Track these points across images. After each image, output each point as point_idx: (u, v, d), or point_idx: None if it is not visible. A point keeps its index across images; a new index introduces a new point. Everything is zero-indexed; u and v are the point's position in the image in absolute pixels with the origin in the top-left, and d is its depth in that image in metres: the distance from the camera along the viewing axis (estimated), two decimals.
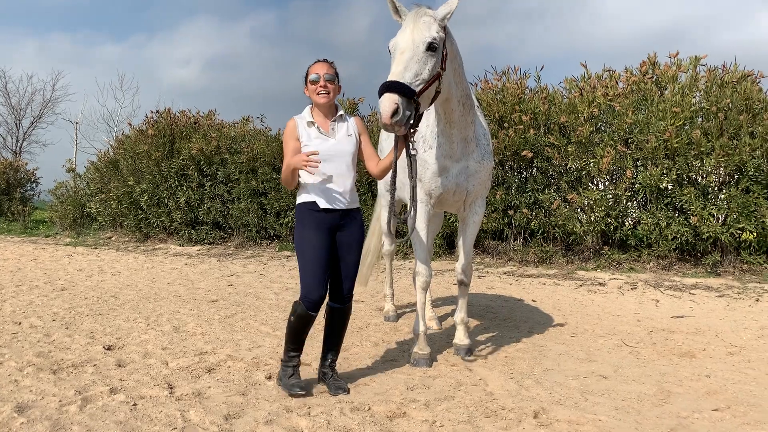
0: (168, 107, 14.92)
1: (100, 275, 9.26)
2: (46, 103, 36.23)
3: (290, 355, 3.95)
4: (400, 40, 3.82)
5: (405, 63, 3.73)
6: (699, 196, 8.86)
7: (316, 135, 3.87)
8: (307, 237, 3.82)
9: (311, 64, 3.94)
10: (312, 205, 3.86)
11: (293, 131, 3.90)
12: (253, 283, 8.59)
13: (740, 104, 8.93)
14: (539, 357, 4.86)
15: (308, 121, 3.91)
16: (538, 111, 10.08)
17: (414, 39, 3.77)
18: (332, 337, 4.06)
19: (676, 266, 9.17)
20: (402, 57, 3.74)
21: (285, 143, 3.92)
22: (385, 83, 3.64)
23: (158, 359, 4.66)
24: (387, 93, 3.59)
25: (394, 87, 3.61)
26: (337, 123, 3.95)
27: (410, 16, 3.90)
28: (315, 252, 3.80)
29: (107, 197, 14.86)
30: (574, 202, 9.51)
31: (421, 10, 3.92)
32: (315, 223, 3.84)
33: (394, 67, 3.73)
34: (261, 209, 12.69)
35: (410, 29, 3.81)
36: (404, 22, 3.91)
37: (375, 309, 6.75)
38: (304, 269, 3.82)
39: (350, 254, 3.95)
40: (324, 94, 3.85)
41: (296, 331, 3.89)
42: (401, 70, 3.70)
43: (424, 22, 3.83)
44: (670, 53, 9.80)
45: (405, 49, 3.77)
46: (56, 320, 6.01)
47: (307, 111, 3.97)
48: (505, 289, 8.23)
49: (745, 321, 6.30)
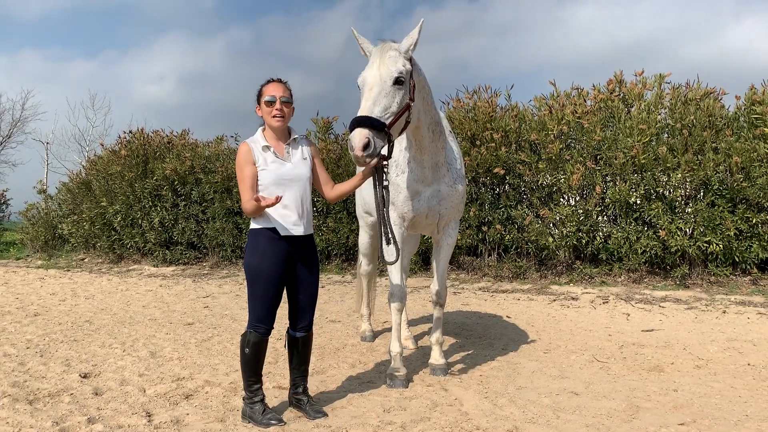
0: (141, 127, 14.92)
1: (74, 299, 9.17)
2: (16, 122, 35.63)
3: (253, 389, 3.87)
4: (368, 75, 3.92)
5: (374, 98, 3.83)
6: (667, 211, 9.10)
7: (273, 159, 3.81)
8: (263, 269, 3.75)
9: (265, 84, 3.86)
10: (271, 232, 3.78)
11: (248, 156, 3.79)
12: (229, 305, 8.59)
13: (704, 120, 9.21)
14: (513, 375, 4.95)
15: (263, 145, 3.82)
16: (509, 129, 10.27)
17: (381, 74, 3.88)
18: (300, 366, 4.05)
19: (646, 279, 9.38)
20: (371, 93, 3.84)
21: (240, 168, 3.79)
22: (355, 119, 3.74)
23: (135, 386, 4.66)
24: (358, 128, 3.69)
25: (364, 122, 3.71)
26: (291, 147, 3.90)
27: (376, 52, 4.01)
28: (270, 287, 3.76)
29: (80, 218, 14.73)
30: (546, 218, 9.69)
31: (386, 45, 4.02)
32: (273, 253, 3.76)
33: (364, 102, 3.83)
34: (236, 228, 12.68)
35: (377, 65, 3.92)
36: (371, 58, 4.02)
37: (352, 329, 6.80)
38: (256, 300, 3.79)
39: (310, 284, 3.94)
40: (279, 118, 3.78)
41: (254, 361, 3.85)
42: (370, 105, 3.80)
43: (390, 57, 3.94)
44: (636, 72, 10.08)
45: (373, 84, 3.87)
46: (30, 347, 5.96)
47: (260, 134, 3.88)
48: (480, 305, 8.34)
49: (713, 333, 6.48)
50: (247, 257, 3.82)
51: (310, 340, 4.06)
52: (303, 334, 3.99)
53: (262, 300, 3.78)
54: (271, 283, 3.77)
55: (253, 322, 3.80)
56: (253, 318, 3.80)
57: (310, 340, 4.05)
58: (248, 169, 3.78)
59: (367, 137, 3.66)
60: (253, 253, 3.80)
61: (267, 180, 3.78)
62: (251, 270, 3.79)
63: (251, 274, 3.79)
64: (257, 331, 3.79)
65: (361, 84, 3.96)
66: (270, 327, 3.82)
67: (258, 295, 3.78)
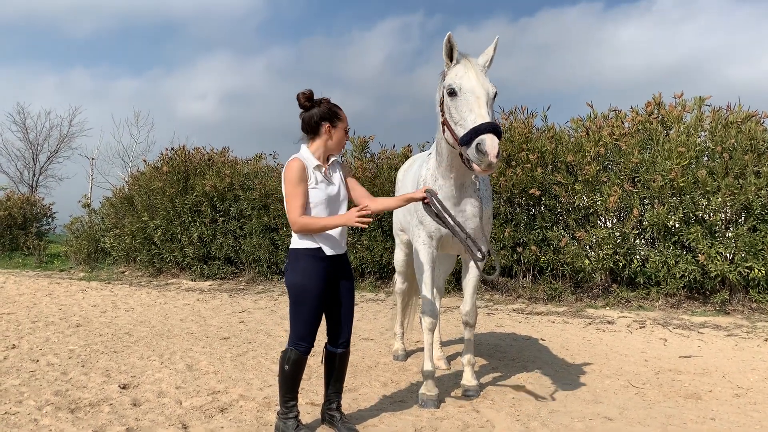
0: (183, 144, 15.23)
1: (114, 311, 9.40)
2: (63, 138, 36.96)
3: (289, 405, 3.93)
4: (473, 84, 4.09)
5: (486, 107, 4.03)
6: (706, 235, 8.94)
7: (321, 179, 3.91)
8: (309, 289, 3.81)
9: (339, 108, 4.00)
10: (316, 252, 3.85)
11: (303, 174, 3.82)
12: (264, 320, 8.71)
13: (745, 144, 9.05)
14: (546, 398, 4.92)
15: (316, 165, 3.88)
16: (545, 150, 10.24)
17: (484, 86, 4.10)
18: (336, 382, 4.10)
19: (684, 304, 9.20)
20: (481, 101, 4.03)
21: (293, 186, 3.79)
22: (490, 124, 3.91)
23: (172, 398, 4.77)
24: (492, 134, 3.86)
25: (497, 129, 3.91)
26: (331, 169, 4.01)
27: (467, 63, 4.19)
28: (313, 307, 3.82)
29: (121, 232, 15.11)
30: (583, 240, 9.60)
31: (473, 59, 4.24)
32: (317, 272, 3.83)
33: (481, 109, 4.00)
34: (272, 245, 12.86)
35: (474, 75, 4.11)
36: (461, 67, 4.19)
37: (385, 347, 6.84)
38: (299, 319, 3.84)
39: (349, 299, 4.03)
40: (343, 147, 4.07)
41: (293, 378, 3.90)
42: (486, 112, 4.00)
43: (482, 70, 4.19)
44: (675, 94, 9.96)
45: (480, 94, 4.07)
46: (72, 358, 6.15)
47: (308, 153, 3.91)
48: (515, 327, 8.29)
49: (753, 361, 6.32)
50: (290, 277, 3.87)
51: (347, 356, 4.11)
52: (342, 350, 4.05)
53: (306, 319, 3.84)
54: (314, 303, 3.84)
55: (295, 340, 3.85)
56: (295, 336, 3.86)
57: (347, 356, 4.11)
58: (302, 186, 3.81)
59: (499, 144, 3.86)
60: (296, 273, 3.85)
61: (318, 199, 3.86)
62: (295, 289, 3.84)
63: (294, 293, 3.85)
64: (298, 349, 3.85)
65: (461, 90, 4.10)
66: (310, 345, 3.88)
67: (301, 314, 3.84)
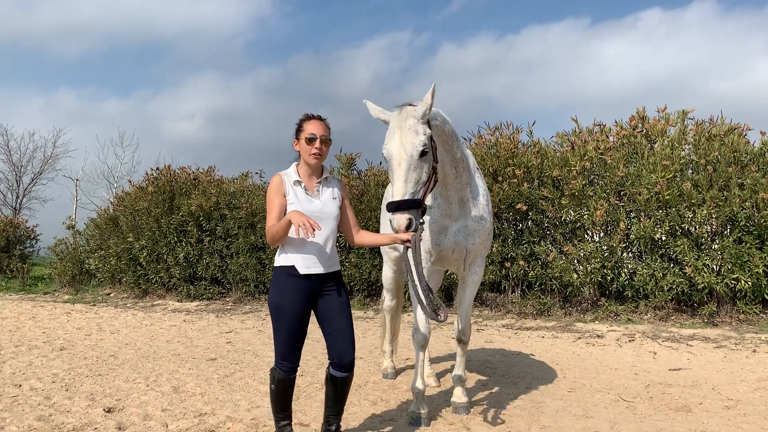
0: (168, 164, 15.11)
1: (99, 333, 9.27)
2: (47, 159, 36.62)
3: (281, 425, 3.88)
4: (393, 149, 3.92)
5: (404, 175, 3.85)
6: (692, 247, 8.98)
7: (303, 195, 3.81)
8: (283, 307, 3.75)
9: (306, 119, 3.87)
10: (290, 270, 3.77)
11: (280, 187, 3.82)
12: (251, 340, 8.61)
13: (728, 156, 9.15)
14: (537, 414, 4.88)
15: (295, 180, 3.83)
16: (531, 165, 10.29)
17: (406, 149, 3.88)
18: (336, 404, 3.95)
19: (673, 317, 9.22)
20: (400, 169, 3.86)
21: (270, 200, 3.82)
22: (394, 203, 3.80)
23: (158, 421, 4.68)
24: (397, 213, 3.80)
25: (402, 206, 3.79)
26: (323, 185, 3.91)
27: (395, 121, 3.99)
28: (291, 325, 3.74)
29: (106, 253, 14.94)
30: (570, 254, 9.62)
31: (403, 112, 3.99)
32: (293, 291, 3.76)
33: (396, 182, 3.86)
34: (259, 264, 12.77)
35: (398, 138, 3.92)
36: (390, 126, 4.01)
37: (374, 366, 6.77)
38: (278, 338, 3.77)
39: (340, 319, 3.85)
40: (317, 156, 3.79)
41: (281, 397, 3.84)
42: (403, 185, 3.84)
43: (410, 128, 3.92)
44: (659, 107, 10.08)
45: (401, 160, 3.88)
46: (56, 382, 6.04)
47: (293, 169, 3.90)
48: (504, 342, 8.26)
49: (743, 373, 6.33)
50: (270, 295, 3.85)
51: (350, 380, 3.93)
52: (343, 375, 3.85)
53: (285, 337, 3.76)
54: (292, 321, 3.75)
55: (278, 359, 3.79)
56: (278, 356, 3.80)
57: (350, 380, 3.93)
58: (277, 200, 3.80)
59: (409, 218, 3.77)
60: (275, 291, 3.80)
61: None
62: (273, 308, 3.80)
63: (273, 311, 3.80)
64: (281, 368, 3.78)
65: (387, 157, 3.98)
66: (294, 365, 3.79)
67: (281, 332, 3.77)
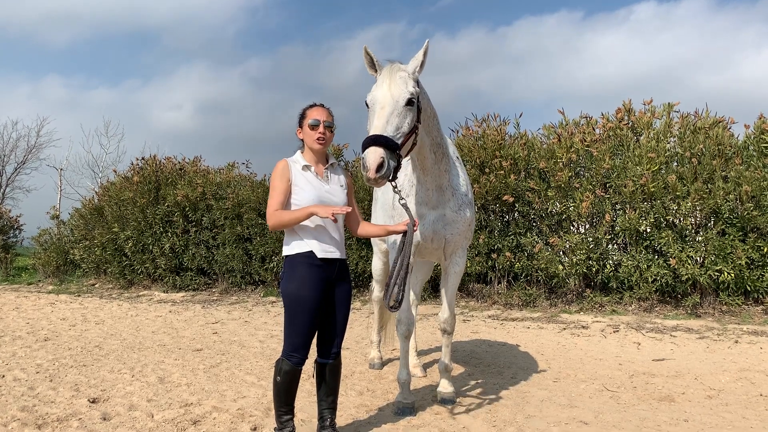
0: (154, 154, 15.00)
1: (84, 324, 9.21)
2: (31, 149, 36.11)
3: (283, 420, 3.75)
4: (379, 95, 3.92)
5: (387, 117, 3.82)
6: (677, 239, 9.06)
7: (314, 179, 3.79)
8: (302, 298, 3.66)
9: (309, 107, 3.88)
10: (308, 256, 3.70)
11: (285, 172, 3.78)
12: (237, 331, 8.59)
13: (713, 149, 9.23)
14: (522, 404, 4.92)
15: (304, 165, 3.81)
16: (518, 156, 10.32)
17: (393, 94, 3.88)
18: (328, 396, 3.90)
19: (657, 308, 9.31)
20: (383, 111, 3.83)
21: (274, 184, 3.78)
22: (369, 137, 3.71)
23: (143, 412, 4.66)
24: (372, 146, 3.66)
25: (379, 141, 3.68)
26: (330, 171, 3.90)
27: (386, 72, 4.01)
28: (308, 315, 3.67)
29: (91, 244, 14.82)
30: (556, 245, 9.67)
31: (395, 66, 4.04)
32: (311, 279, 3.68)
33: (377, 121, 3.81)
34: (246, 254, 12.73)
35: (387, 84, 3.92)
36: (380, 77, 4.02)
37: (360, 356, 6.78)
38: (293, 329, 3.68)
39: (342, 310, 3.85)
40: (321, 141, 3.78)
41: (286, 390, 3.73)
42: (383, 123, 3.78)
43: (400, 78, 3.95)
44: (645, 100, 10.14)
45: (385, 104, 3.87)
46: (40, 372, 5.99)
47: (299, 155, 3.88)
48: (490, 333, 8.30)
49: (725, 363, 6.41)
50: (286, 285, 3.73)
51: (339, 367, 3.92)
52: (333, 361, 3.85)
53: (300, 328, 3.68)
54: (310, 311, 3.68)
55: (288, 351, 3.69)
56: (288, 347, 3.70)
57: (338, 367, 3.91)
58: (282, 184, 3.76)
59: (382, 157, 3.63)
60: (293, 280, 3.71)
61: (308, 199, 3.73)
62: (289, 299, 3.70)
63: (290, 301, 3.70)
64: (290, 360, 3.68)
65: (371, 103, 3.95)
66: (304, 357, 3.71)
67: (296, 323, 3.68)
